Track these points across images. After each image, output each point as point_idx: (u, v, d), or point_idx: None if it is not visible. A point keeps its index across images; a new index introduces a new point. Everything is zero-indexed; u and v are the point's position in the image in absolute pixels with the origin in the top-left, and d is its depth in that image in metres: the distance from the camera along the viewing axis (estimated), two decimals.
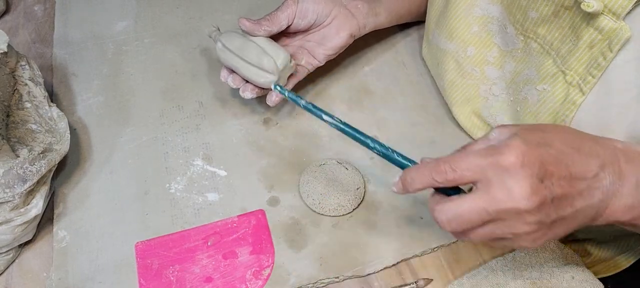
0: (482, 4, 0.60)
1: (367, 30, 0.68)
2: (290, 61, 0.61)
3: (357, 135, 0.52)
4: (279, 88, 0.60)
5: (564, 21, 0.52)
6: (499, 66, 0.61)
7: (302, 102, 0.57)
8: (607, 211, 0.44)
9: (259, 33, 0.61)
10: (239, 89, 0.63)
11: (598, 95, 0.52)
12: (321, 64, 0.66)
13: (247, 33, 0.61)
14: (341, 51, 0.67)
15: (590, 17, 0.49)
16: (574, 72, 0.53)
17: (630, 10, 0.47)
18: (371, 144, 0.51)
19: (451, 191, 0.45)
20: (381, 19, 0.69)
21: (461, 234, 0.43)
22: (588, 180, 0.42)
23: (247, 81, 0.62)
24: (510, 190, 0.39)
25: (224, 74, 0.64)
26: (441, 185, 0.43)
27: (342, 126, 0.53)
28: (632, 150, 0.45)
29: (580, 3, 0.48)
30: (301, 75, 0.66)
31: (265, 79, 0.60)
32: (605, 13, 0.48)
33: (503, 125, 0.44)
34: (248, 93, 0.62)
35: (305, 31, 0.66)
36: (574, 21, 0.51)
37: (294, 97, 0.59)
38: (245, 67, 0.60)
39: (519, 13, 0.56)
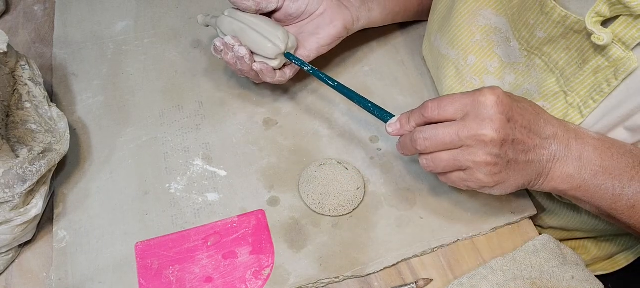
0: (487, 14, 0.59)
1: (361, 24, 0.68)
2: (289, 36, 0.62)
3: (355, 96, 0.58)
4: (290, 56, 0.61)
5: (572, 43, 0.52)
6: (498, 77, 0.60)
7: (307, 67, 0.62)
8: (550, 174, 0.51)
9: (248, 3, 0.61)
10: (242, 73, 0.63)
11: (596, 119, 0.52)
12: (312, 57, 0.65)
13: (236, 4, 0.62)
14: (334, 45, 0.66)
15: (600, 46, 0.49)
16: (575, 94, 0.53)
17: None
18: (367, 104, 0.57)
19: None
20: (375, 14, 0.69)
21: (430, 159, 0.50)
22: (541, 139, 0.50)
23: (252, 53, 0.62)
24: (483, 120, 0.47)
25: (224, 41, 0.62)
26: (428, 121, 0.50)
27: (342, 88, 0.59)
28: (583, 132, 0.52)
29: (591, 35, 0.48)
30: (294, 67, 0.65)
31: (274, 45, 0.60)
32: (615, 42, 0.48)
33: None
34: (258, 66, 0.62)
35: (297, 19, 0.65)
36: (582, 45, 0.51)
37: (301, 62, 0.62)
38: (257, 33, 0.61)
39: (525, 30, 0.56)
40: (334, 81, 0.60)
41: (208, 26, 0.67)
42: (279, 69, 0.63)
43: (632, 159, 0.51)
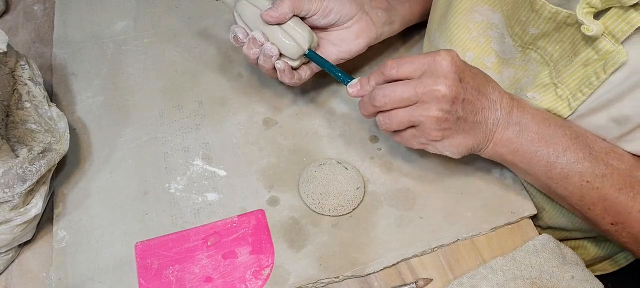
0: (483, 10, 0.59)
1: (382, 39, 0.67)
2: (313, 37, 0.60)
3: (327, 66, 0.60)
4: (312, 55, 0.60)
5: (565, 36, 0.52)
6: (497, 72, 0.60)
7: (328, 66, 0.61)
8: (494, 138, 0.55)
9: (284, 9, 0.59)
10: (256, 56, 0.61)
11: (585, 109, 0.53)
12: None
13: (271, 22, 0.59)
14: (351, 58, 0.65)
15: (591, 38, 0.49)
16: (565, 87, 0.54)
17: (630, 36, 0.48)
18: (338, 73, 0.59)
19: None
20: (395, 27, 0.68)
21: (387, 116, 0.54)
22: (489, 102, 0.54)
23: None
24: (438, 77, 0.51)
25: (252, 36, 0.60)
26: (388, 79, 0.54)
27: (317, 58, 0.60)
28: (525, 103, 0.56)
29: (581, 26, 0.48)
30: (315, 68, 0.65)
31: (295, 49, 0.59)
32: (605, 35, 0.49)
33: None
34: (281, 64, 0.60)
35: (322, 29, 0.64)
36: (575, 38, 0.51)
37: (323, 61, 0.61)
38: (277, 31, 0.59)
39: (518, 27, 0.56)
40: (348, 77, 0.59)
41: (218, 0, 0.64)
42: (296, 69, 0.62)
43: (570, 131, 0.54)
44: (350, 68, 0.73)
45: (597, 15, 0.49)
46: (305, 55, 0.61)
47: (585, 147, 0.54)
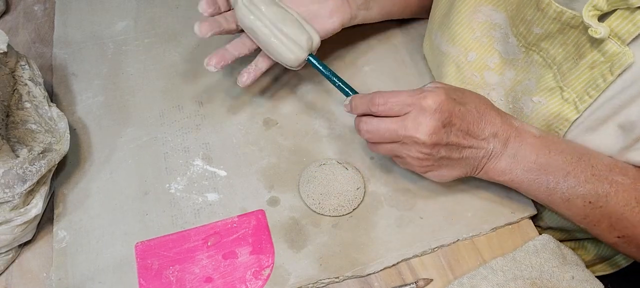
0: (486, 10, 0.59)
1: (356, 22, 0.67)
2: (313, 39, 0.59)
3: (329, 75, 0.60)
4: (312, 58, 0.59)
5: (568, 38, 0.52)
6: (499, 72, 0.60)
7: (327, 73, 0.60)
8: (485, 168, 0.55)
9: None
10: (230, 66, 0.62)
11: (591, 114, 0.53)
12: None
13: None
14: (325, 37, 0.64)
15: (597, 40, 0.49)
16: (571, 90, 0.53)
17: (636, 37, 0.47)
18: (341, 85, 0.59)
19: None
20: (372, 13, 0.68)
21: (373, 145, 0.56)
22: (478, 140, 0.54)
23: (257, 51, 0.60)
24: (419, 124, 0.51)
25: (240, 44, 0.61)
26: (374, 114, 0.54)
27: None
28: (525, 130, 0.55)
29: (588, 28, 0.48)
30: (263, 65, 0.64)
31: (295, 55, 0.58)
32: (611, 37, 0.48)
33: (436, 81, 0.56)
34: (251, 74, 0.62)
35: None
36: (579, 40, 0.51)
37: (323, 67, 0.60)
38: (276, 37, 0.57)
39: (522, 26, 0.56)
40: (351, 89, 0.59)
41: None
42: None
43: (571, 156, 0.53)
44: (351, 65, 0.73)
45: (602, 16, 0.49)
46: (307, 60, 0.60)
47: (588, 167, 0.53)
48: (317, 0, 0.63)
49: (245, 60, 0.64)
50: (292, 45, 0.58)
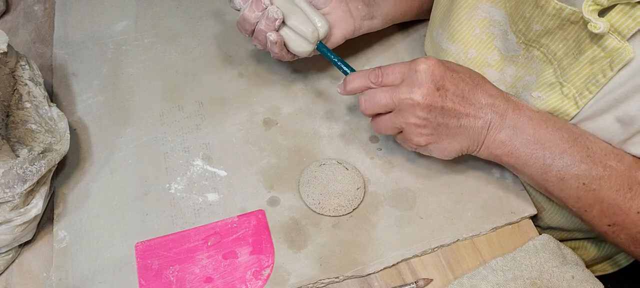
0: (486, 6, 0.59)
1: (361, 33, 0.67)
2: (328, 28, 0.61)
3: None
4: (321, 46, 0.61)
5: (568, 34, 0.52)
6: (499, 69, 0.60)
7: (336, 59, 0.61)
8: (486, 140, 0.55)
9: None
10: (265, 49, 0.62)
11: (592, 110, 0.53)
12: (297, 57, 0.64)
13: None
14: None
15: (596, 36, 0.49)
16: (571, 85, 0.53)
17: (636, 33, 0.47)
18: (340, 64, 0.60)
19: None
20: (376, 22, 0.68)
21: (375, 122, 0.57)
22: (475, 108, 0.54)
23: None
24: (413, 86, 0.53)
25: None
26: (372, 86, 0.55)
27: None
28: (522, 105, 0.56)
29: (588, 23, 0.48)
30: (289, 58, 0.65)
31: (303, 48, 0.60)
32: (611, 32, 0.48)
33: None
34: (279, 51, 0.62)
35: None
36: (579, 35, 0.51)
37: (331, 55, 0.61)
38: (283, 31, 0.60)
39: (521, 23, 0.56)
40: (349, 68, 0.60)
41: None
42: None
43: (568, 134, 0.54)
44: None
45: (602, 12, 0.49)
46: (316, 47, 0.61)
47: (583, 149, 0.53)
48: (320, 12, 0.63)
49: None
50: (299, 39, 0.60)
